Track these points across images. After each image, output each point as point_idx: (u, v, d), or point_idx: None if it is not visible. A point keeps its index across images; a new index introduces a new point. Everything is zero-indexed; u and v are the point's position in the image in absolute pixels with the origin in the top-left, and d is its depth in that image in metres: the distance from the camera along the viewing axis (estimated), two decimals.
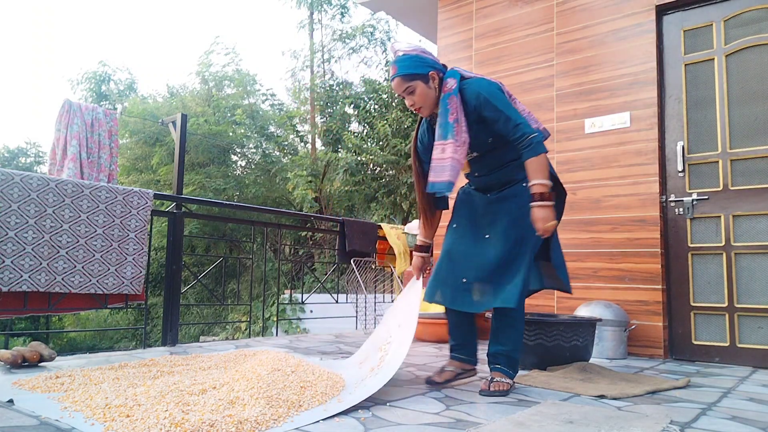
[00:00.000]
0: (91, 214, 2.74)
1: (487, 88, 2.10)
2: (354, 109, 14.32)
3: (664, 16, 3.49)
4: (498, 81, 2.21)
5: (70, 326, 13.90)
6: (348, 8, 15.55)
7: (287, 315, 9.45)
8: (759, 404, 2.05)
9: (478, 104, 2.08)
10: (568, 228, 3.62)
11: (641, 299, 3.31)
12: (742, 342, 3.07)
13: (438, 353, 3.22)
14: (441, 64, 2.20)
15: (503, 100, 2.09)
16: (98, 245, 2.77)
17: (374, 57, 16.47)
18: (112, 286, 2.83)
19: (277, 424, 1.54)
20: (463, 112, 2.09)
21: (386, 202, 12.83)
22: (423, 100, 2.14)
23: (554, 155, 3.75)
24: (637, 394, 2.14)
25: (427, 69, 2.12)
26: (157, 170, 13.62)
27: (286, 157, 15.51)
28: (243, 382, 1.89)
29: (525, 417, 1.71)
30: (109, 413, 1.58)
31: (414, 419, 1.68)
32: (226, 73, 15.90)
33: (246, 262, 9.77)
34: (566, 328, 2.67)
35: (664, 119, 3.42)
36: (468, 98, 2.09)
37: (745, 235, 3.12)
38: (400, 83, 2.13)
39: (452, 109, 2.07)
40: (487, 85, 2.12)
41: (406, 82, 2.11)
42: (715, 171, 3.23)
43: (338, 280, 6.16)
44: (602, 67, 3.62)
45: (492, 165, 2.24)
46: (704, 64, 3.34)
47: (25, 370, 2.32)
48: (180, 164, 5.04)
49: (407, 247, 4.99)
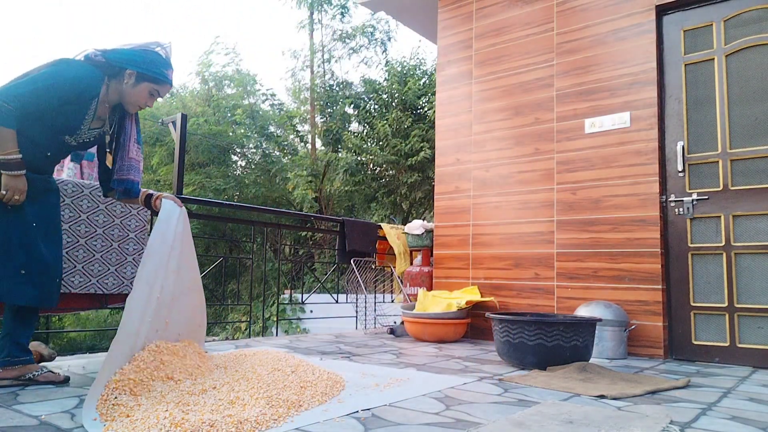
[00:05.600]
0: (91, 214, 2.74)
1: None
2: (354, 109, 14.33)
3: (664, 16, 3.49)
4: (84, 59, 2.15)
5: (70, 326, 13.89)
6: (348, 8, 15.56)
7: (287, 315, 9.46)
8: (759, 404, 2.05)
9: None
10: (568, 228, 3.63)
11: (641, 299, 3.31)
12: (742, 342, 3.07)
13: (438, 353, 3.22)
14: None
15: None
16: (98, 245, 2.77)
17: (374, 57, 16.48)
18: (112, 286, 2.83)
19: (277, 424, 1.54)
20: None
21: (386, 202, 12.83)
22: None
23: (554, 155, 3.75)
24: (637, 394, 2.14)
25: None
26: (157, 170, 13.62)
27: (286, 157, 15.52)
28: (243, 382, 1.89)
29: (525, 417, 1.71)
30: (109, 413, 1.58)
31: (414, 419, 1.68)
32: (226, 73, 15.91)
33: (246, 262, 9.77)
34: (566, 328, 2.67)
35: (664, 119, 3.42)
36: None
37: (745, 235, 3.12)
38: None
39: None
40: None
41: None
42: (715, 171, 3.23)
43: (338, 280, 6.16)
44: (602, 67, 3.62)
45: None
46: (704, 64, 3.34)
47: None
48: (180, 164, 5.04)
49: (407, 247, 4.99)
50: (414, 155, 11.74)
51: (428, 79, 13.40)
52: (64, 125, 2.12)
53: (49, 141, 2.12)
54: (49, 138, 2.11)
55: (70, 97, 2.05)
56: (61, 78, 2.02)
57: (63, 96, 2.03)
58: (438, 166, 4.38)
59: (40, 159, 2.11)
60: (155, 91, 2.22)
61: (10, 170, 1.93)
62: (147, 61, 2.17)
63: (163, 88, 2.24)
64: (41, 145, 2.09)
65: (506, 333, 2.76)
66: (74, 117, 2.12)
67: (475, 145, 4.16)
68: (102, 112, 2.21)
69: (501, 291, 3.90)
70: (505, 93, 4.06)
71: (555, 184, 3.72)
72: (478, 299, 3.86)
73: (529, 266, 3.79)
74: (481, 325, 3.92)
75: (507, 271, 3.89)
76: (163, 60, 2.21)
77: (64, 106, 2.06)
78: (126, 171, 2.34)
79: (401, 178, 12.25)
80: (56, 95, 2.01)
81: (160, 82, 2.21)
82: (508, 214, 3.93)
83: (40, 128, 2.06)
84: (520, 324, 2.71)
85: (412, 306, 4.02)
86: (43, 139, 2.09)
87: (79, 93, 2.07)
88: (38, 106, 1.99)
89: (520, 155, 3.92)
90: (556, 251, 3.66)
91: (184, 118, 5.37)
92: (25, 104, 1.94)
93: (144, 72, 2.16)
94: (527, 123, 3.91)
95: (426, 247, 4.68)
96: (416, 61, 14.11)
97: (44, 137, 2.09)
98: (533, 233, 3.79)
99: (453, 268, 4.17)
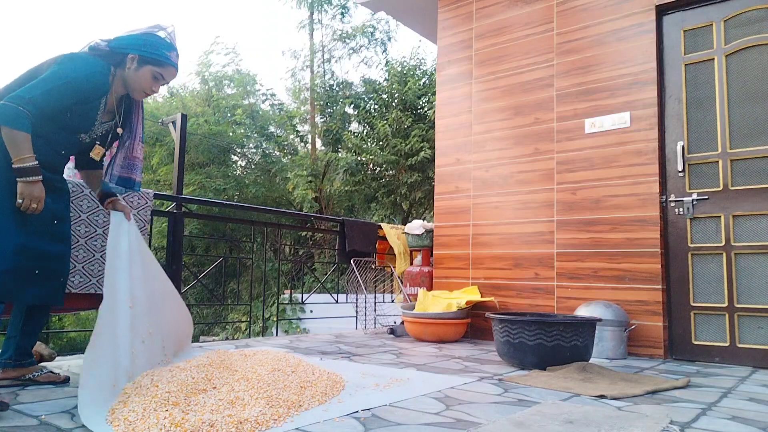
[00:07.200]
0: (91, 214, 2.74)
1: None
2: (354, 109, 14.34)
3: (664, 16, 3.49)
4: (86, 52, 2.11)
5: (70, 326, 13.88)
6: (348, 8, 15.57)
7: (287, 315, 9.46)
8: (759, 404, 2.05)
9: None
10: (568, 228, 3.63)
11: (641, 299, 3.31)
12: (742, 342, 3.07)
13: (438, 353, 3.22)
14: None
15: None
16: (98, 245, 2.77)
17: (374, 57, 16.48)
18: None
19: (277, 424, 1.54)
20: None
21: (386, 202, 12.83)
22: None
23: (554, 155, 3.75)
24: (637, 394, 2.14)
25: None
26: (157, 170, 13.62)
27: (286, 157, 15.53)
28: (243, 382, 1.89)
29: (525, 417, 1.71)
30: (109, 413, 1.58)
31: (414, 419, 1.68)
32: (226, 73, 15.92)
33: (246, 262, 9.77)
34: (566, 328, 2.67)
35: (664, 119, 3.42)
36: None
37: (745, 235, 3.12)
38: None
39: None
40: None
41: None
42: (715, 171, 3.23)
43: (338, 280, 6.16)
44: (602, 67, 3.62)
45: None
46: (704, 64, 3.33)
47: None
48: (180, 164, 5.04)
49: (407, 247, 4.99)
50: (414, 155, 11.74)
51: (428, 79, 13.41)
52: (79, 123, 2.08)
53: (63, 139, 2.07)
54: (63, 136, 2.07)
55: (83, 95, 2.01)
56: (74, 77, 1.97)
57: (77, 95, 1.99)
58: (438, 166, 4.38)
59: (55, 157, 2.07)
60: (159, 74, 2.15)
61: (26, 177, 1.86)
62: (148, 43, 2.11)
63: (166, 71, 2.17)
64: (56, 143, 2.05)
65: (506, 333, 2.76)
66: (88, 114, 2.09)
67: (475, 145, 4.16)
68: (111, 104, 2.16)
69: (501, 291, 3.90)
70: (505, 93, 4.06)
71: (555, 184, 3.72)
72: (478, 299, 3.86)
73: (529, 266, 3.79)
74: (481, 325, 3.92)
75: (507, 271, 3.89)
76: (165, 42, 2.16)
77: (78, 104, 2.02)
78: (129, 169, 2.32)
79: (401, 178, 12.25)
80: (70, 95, 1.97)
81: (163, 65, 2.14)
82: (508, 214, 3.93)
83: (55, 127, 2.02)
84: (520, 324, 2.71)
85: (412, 306, 4.02)
86: (58, 138, 2.05)
87: (91, 90, 2.03)
88: (53, 107, 1.94)
89: (520, 155, 3.92)
90: (556, 251, 3.66)
91: (184, 118, 5.38)
92: (41, 107, 1.89)
93: (145, 55, 2.10)
94: (527, 123, 3.91)
95: (426, 247, 4.68)
96: (416, 61, 14.12)
97: (59, 136, 2.05)
98: (533, 233, 3.79)
99: (453, 268, 4.17)
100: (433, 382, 2.27)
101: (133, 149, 2.31)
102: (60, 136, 2.05)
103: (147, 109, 14.29)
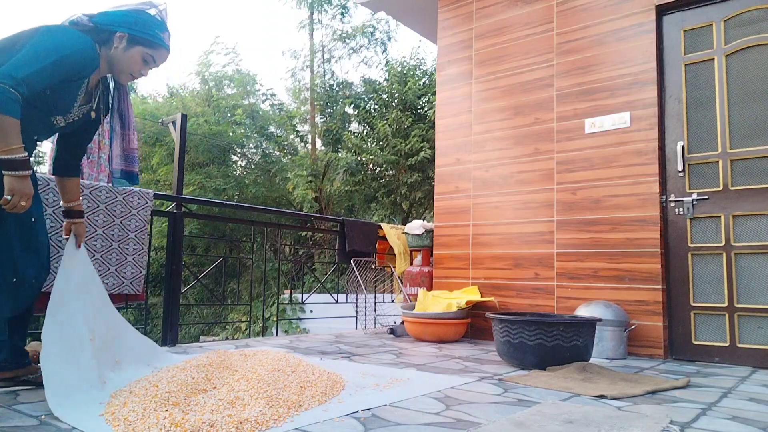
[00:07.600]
0: (91, 214, 2.74)
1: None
2: (354, 109, 14.34)
3: (664, 16, 3.49)
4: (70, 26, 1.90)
5: None
6: (348, 8, 15.57)
7: (287, 315, 9.46)
8: (759, 404, 2.05)
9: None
10: (568, 228, 3.63)
11: (641, 299, 3.31)
12: (742, 342, 3.07)
13: (438, 353, 3.22)
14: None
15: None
16: (98, 245, 2.77)
17: (374, 57, 16.48)
18: (112, 286, 2.83)
19: (277, 424, 1.54)
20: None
21: (386, 202, 12.83)
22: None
23: (554, 155, 3.75)
24: (637, 394, 2.14)
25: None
26: (157, 170, 13.63)
27: (286, 157, 15.53)
28: (243, 382, 1.89)
29: (525, 417, 1.71)
30: (109, 413, 1.58)
31: (414, 419, 1.68)
32: (226, 73, 15.92)
33: (246, 262, 9.77)
34: (566, 328, 2.67)
35: (664, 119, 3.42)
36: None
37: (745, 235, 3.12)
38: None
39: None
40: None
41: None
42: (715, 171, 3.23)
43: (338, 280, 6.16)
44: (602, 67, 3.62)
45: None
46: (704, 64, 3.33)
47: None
48: (180, 164, 5.04)
49: (407, 247, 4.99)
50: (414, 155, 11.75)
51: (428, 79, 13.41)
52: (58, 105, 1.86)
53: (38, 121, 1.84)
54: (38, 120, 1.84)
55: (72, 72, 1.81)
56: (66, 53, 1.76)
57: (67, 72, 1.78)
58: (438, 166, 4.38)
59: (28, 142, 1.80)
60: (149, 56, 1.96)
61: (14, 170, 1.64)
62: (140, 21, 1.92)
63: (158, 53, 1.98)
64: (29, 126, 1.79)
65: (506, 333, 2.77)
66: (70, 94, 1.87)
67: (475, 145, 4.16)
68: (91, 86, 1.95)
69: (501, 291, 3.90)
70: (505, 93, 4.06)
71: (555, 184, 3.72)
72: (478, 299, 3.86)
73: (529, 266, 3.79)
74: (481, 325, 3.92)
75: (507, 271, 3.89)
76: (157, 21, 1.97)
77: (64, 83, 1.81)
78: (130, 162, 2.27)
79: (401, 178, 12.25)
80: (60, 72, 1.76)
81: (154, 46, 1.95)
82: (508, 214, 3.93)
83: (32, 109, 1.77)
84: (520, 324, 2.71)
85: (412, 306, 4.02)
86: (32, 119, 1.80)
87: (82, 67, 1.82)
88: (42, 86, 1.72)
89: (520, 155, 3.92)
90: (556, 251, 3.67)
91: (184, 118, 5.38)
92: (32, 87, 1.67)
93: (136, 34, 1.91)
94: (527, 123, 3.91)
95: (426, 247, 4.68)
96: (416, 61, 14.12)
97: (34, 119, 1.81)
98: (533, 233, 3.79)
99: (453, 268, 4.17)
100: (433, 382, 2.27)
101: (129, 140, 2.24)
102: (34, 117, 1.81)
103: (147, 109, 14.31)
